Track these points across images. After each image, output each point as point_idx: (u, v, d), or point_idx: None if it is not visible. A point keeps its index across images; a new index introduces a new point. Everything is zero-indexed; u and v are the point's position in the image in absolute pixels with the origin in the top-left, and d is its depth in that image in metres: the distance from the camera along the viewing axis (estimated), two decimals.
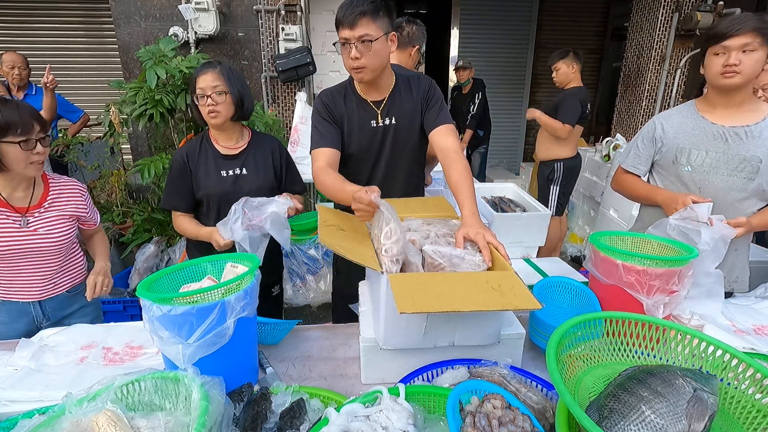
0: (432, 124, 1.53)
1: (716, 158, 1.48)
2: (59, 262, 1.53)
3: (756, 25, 1.34)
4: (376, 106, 1.56)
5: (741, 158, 1.45)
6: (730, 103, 1.48)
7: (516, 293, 0.91)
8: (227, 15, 3.74)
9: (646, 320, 0.87)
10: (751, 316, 1.36)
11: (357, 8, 1.35)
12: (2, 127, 1.28)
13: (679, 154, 1.54)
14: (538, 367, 1.12)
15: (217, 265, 1.10)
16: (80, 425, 0.75)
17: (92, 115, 4.03)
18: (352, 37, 1.37)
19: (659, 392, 0.68)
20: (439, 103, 1.56)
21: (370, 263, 1.03)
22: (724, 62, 1.39)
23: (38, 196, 1.47)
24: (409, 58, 2.29)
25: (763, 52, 1.36)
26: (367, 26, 1.36)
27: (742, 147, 1.45)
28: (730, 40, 1.37)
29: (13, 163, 1.33)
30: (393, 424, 0.77)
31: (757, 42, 1.35)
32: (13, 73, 3.33)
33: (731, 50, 1.37)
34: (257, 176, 1.69)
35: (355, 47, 1.38)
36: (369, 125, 1.57)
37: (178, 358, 0.88)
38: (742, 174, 1.46)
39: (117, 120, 2.75)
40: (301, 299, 3.22)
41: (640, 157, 1.66)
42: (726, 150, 1.47)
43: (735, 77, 1.39)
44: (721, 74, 1.41)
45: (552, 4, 6.15)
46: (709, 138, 1.49)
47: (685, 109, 1.59)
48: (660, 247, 1.32)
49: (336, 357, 1.21)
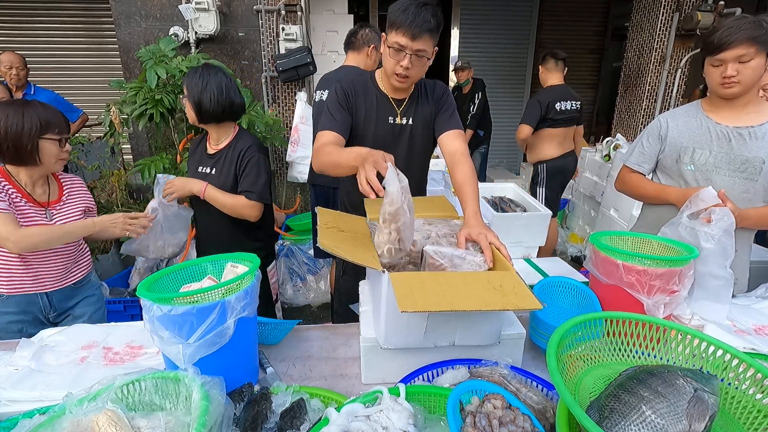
0: (442, 128, 1.57)
1: (719, 158, 1.48)
2: (74, 254, 1.63)
3: (749, 35, 1.33)
4: (397, 105, 1.59)
5: (744, 159, 1.45)
6: (734, 105, 1.48)
7: (517, 293, 0.91)
8: (227, 15, 3.74)
9: (646, 320, 0.87)
10: (752, 316, 1.36)
11: (425, 24, 1.34)
12: (44, 125, 1.44)
13: (682, 152, 1.54)
14: (538, 367, 1.12)
15: (217, 265, 1.10)
16: (81, 425, 0.75)
17: (92, 115, 4.03)
18: (409, 48, 1.37)
19: (660, 392, 0.68)
20: (452, 110, 1.60)
21: (370, 263, 1.03)
22: (721, 73, 1.39)
23: (54, 191, 1.60)
24: (367, 58, 2.48)
25: (760, 59, 1.35)
26: (426, 42, 1.37)
27: (745, 147, 1.45)
28: (724, 53, 1.36)
29: (47, 158, 1.48)
30: (393, 424, 0.77)
31: (753, 51, 1.33)
32: (11, 73, 3.33)
33: (727, 62, 1.37)
34: (219, 176, 1.76)
35: (409, 58, 1.39)
36: (387, 121, 1.59)
37: (178, 358, 0.88)
38: (743, 174, 1.46)
39: (117, 120, 2.75)
40: (301, 299, 3.22)
41: (645, 155, 1.65)
42: (729, 150, 1.47)
43: (734, 87, 1.39)
44: (720, 85, 1.42)
45: (552, 4, 6.15)
46: (713, 137, 1.49)
47: (690, 109, 1.59)
48: (660, 247, 1.32)
49: (336, 357, 1.21)
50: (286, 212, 3.94)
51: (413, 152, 1.64)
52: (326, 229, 1.18)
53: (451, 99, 1.63)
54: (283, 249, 3.34)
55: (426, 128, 1.62)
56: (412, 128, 1.60)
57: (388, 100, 1.59)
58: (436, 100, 1.61)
